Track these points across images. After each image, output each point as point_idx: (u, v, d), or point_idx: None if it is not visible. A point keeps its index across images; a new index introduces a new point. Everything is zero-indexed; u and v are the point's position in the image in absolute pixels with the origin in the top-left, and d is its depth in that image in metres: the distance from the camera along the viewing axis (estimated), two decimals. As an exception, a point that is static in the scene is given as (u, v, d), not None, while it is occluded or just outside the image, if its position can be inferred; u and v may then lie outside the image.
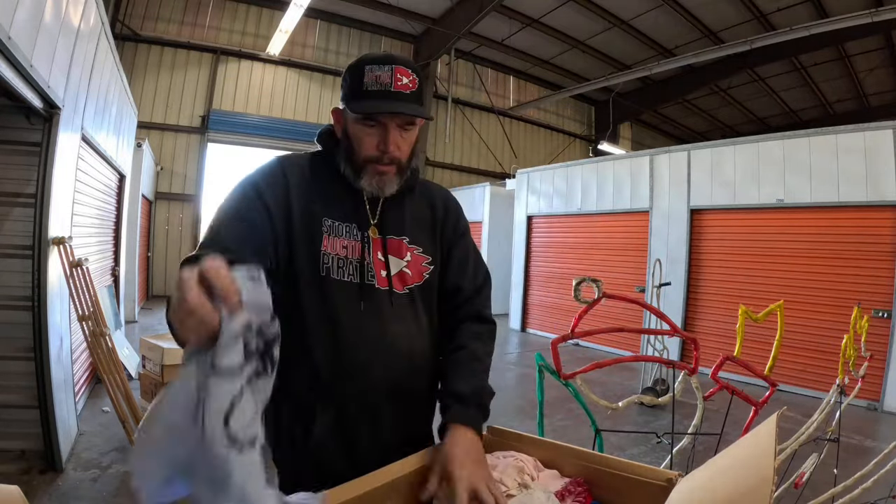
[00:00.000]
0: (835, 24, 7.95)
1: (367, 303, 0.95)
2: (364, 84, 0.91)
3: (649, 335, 4.81)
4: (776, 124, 15.17)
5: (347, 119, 0.96)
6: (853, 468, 1.91)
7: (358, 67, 0.93)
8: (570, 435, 3.72)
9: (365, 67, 0.91)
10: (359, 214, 0.99)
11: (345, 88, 0.96)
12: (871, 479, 1.81)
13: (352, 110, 0.93)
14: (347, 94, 0.94)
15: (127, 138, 5.39)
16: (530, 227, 8.59)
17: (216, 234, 0.87)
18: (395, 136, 0.94)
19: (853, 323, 2.24)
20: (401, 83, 0.91)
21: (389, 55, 0.95)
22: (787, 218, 5.39)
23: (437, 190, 1.14)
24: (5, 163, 2.61)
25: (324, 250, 0.94)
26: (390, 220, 1.01)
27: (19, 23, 1.94)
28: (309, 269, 0.94)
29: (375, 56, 0.94)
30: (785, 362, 4.98)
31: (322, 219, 0.96)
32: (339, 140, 1.00)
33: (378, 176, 0.95)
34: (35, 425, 2.63)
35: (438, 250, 1.06)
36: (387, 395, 0.96)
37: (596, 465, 0.84)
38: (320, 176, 0.99)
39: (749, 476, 0.50)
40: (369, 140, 0.94)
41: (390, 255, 1.00)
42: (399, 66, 0.91)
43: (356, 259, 0.97)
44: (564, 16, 10.58)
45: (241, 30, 10.45)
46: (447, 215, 1.10)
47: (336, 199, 0.98)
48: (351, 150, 0.96)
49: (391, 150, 0.94)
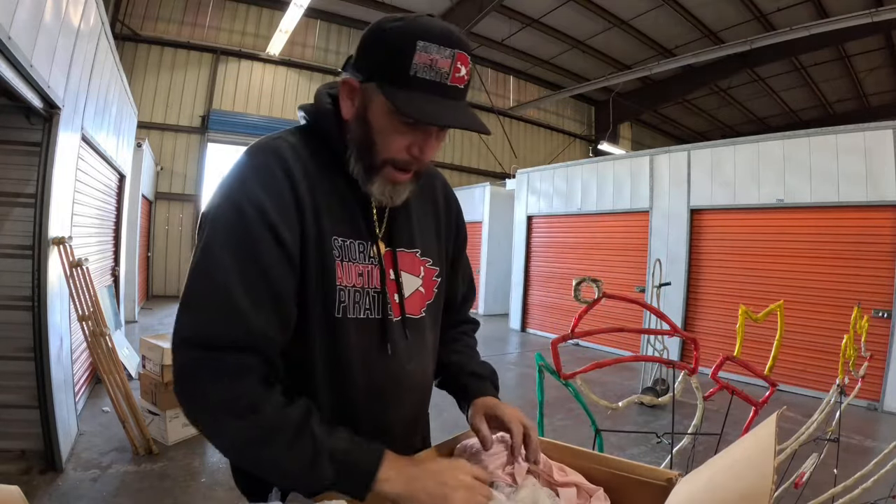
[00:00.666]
0: (835, 24, 7.95)
1: (391, 343, 0.81)
2: (412, 66, 0.67)
3: (649, 335, 4.81)
4: (776, 124, 15.18)
5: (371, 102, 0.72)
6: (853, 468, 1.91)
7: (405, 39, 0.67)
8: (570, 435, 3.72)
9: (417, 43, 0.66)
10: (368, 224, 0.80)
11: (377, 59, 0.70)
12: (871, 479, 1.81)
13: (397, 105, 0.67)
14: (382, 69, 0.69)
15: (127, 138, 5.39)
16: (530, 227, 8.59)
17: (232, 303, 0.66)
18: (434, 141, 0.75)
19: (853, 323, 2.24)
20: (459, 74, 0.69)
21: (448, 30, 0.69)
22: (787, 218, 5.39)
23: (433, 177, 0.97)
24: (5, 163, 2.61)
25: (339, 284, 0.75)
26: (398, 226, 0.84)
27: (19, 23, 1.94)
28: (321, 309, 0.75)
29: (432, 29, 0.68)
30: (785, 362, 4.98)
31: (332, 238, 0.75)
32: (343, 122, 0.77)
33: (392, 185, 0.77)
34: (35, 425, 2.63)
35: (444, 261, 0.94)
36: (399, 426, 0.87)
37: (596, 465, 0.84)
38: (320, 169, 0.77)
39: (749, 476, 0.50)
40: (401, 139, 0.73)
41: (404, 272, 0.84)
42: (461, 52, 0.69)
43: (374, 289, 0.79)
44: (564, 16, 10.58)
45: (241, 30, 10.45)
46: (449, 216, 0.97)
47: (340, 202, 0.78)
48: (368, 145, 0.74)
49: (426, 157, 0.75)
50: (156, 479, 2.72)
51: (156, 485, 2.67)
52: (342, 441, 0.68)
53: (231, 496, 2.63)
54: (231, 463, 0.88)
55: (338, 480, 0.67)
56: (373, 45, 0.71)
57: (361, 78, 0.73)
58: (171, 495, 2.57)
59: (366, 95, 0.73)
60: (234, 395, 0.64)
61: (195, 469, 2.88)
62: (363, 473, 0.67)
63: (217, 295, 0.66)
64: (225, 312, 0.66)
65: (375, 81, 0.70)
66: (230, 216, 0.69)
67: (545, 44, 11.90)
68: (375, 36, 0.71)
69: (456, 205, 1.00)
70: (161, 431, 3.17)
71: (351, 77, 0.74)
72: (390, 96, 0.68)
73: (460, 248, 1.00)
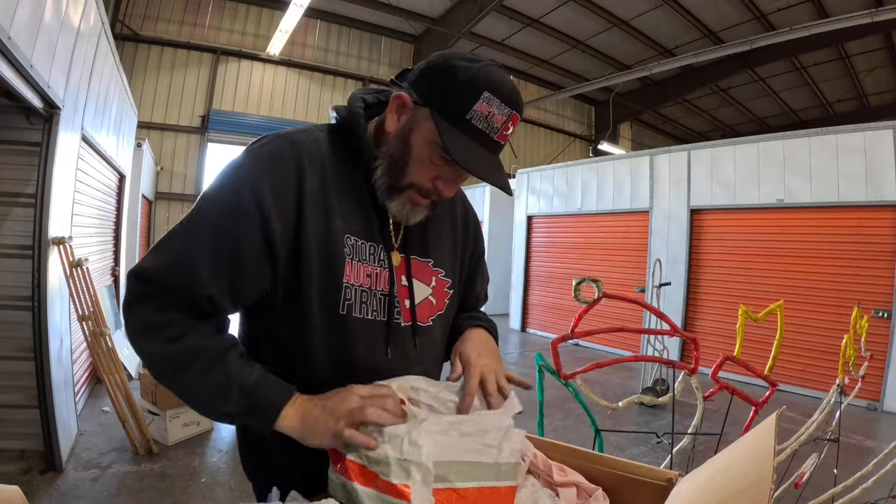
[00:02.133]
0: (835, 24, 7.95)
1: (393, 346, 0.82)
2: (471, 112, 0.70)
3: (649, 335, 4.81)
4: (776, 124, 15.17)
5: (418, 126, 0.74)
6: (853, 468, 1.91)
7: (474, 84, 0.70)
8: (570, 435, 3.72)
9: (483, 93, 0.70)
10: (382, 228, 0.82)
11: (440, 92, 0.72)
12: (871, 479, 1.81)
13: (446, 143, 0.70)
14: (442, 101, 0.72)
15: (127, 138, 5.39)
16: (530, 227, 8.59)
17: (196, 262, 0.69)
18: (458, 180, 0.79)
19: (853, 323, 2.24)
20: (507, 132, 0.73)
21: (514, 91, 0.73)
22: (787, 218, 5.39)
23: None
24: (5, 163, 2.61)
25: (346, 281, 0.77)
26: (414, 235, 0.86)
27: (19, 23, 1.94)
28: (326, 305, 0.76)
29: (503, 86, 0.72)
30: (785, 362, 4.98)
31: (344, 236, 0.77)
32: (381, 132, 0.80)
33: (411, 205, 0.79)
34: (35, 425, 2.63)
35: (458, 274, 0.95)
36: None
37: (596, 465, 0.84)
38: (342, 169, 0.79)
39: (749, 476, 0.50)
40: (432, 170, 0.76)
41: (416, 280, 0.85)
42: (516, 114, 0.73)
43: (382, 292, 0.80)
44: (564, 16, 10.58)
45: (241, 30, 10.45)
46: (467, 231, 0.98)
47: (357, 204, 0.80)
48: (400, 164, 0.76)
49: (447, 195, 0.79)
50: (156, 479, 2.72)
51: (156, 485, 2.67)
52: (253, 376, 0.71)
53: (231, 496, 2.63)
54: (239, 448, 0.92)
55: (244, 412, 0.71)
56: (439, 76, 0.73)
57: (417, 100, 0.74)
58: (171, 495, 2.58)
59: (416, 117, 0.75)
60: (165, 321, 0.70)
61: (195, 469, 2.88)
62: (267, 408, 0.71)
63: (182, 253, 0.70)
64: (184, 269, 0.70)
65: (431, 109, 0.73)
66: (228, 193, 0.73)
67: (545, 44, 11.90)
68: (446, 70, 0.73)
69: (474, 219, 1.01)
70: (161, 431, 3.17)
71: (407, 93, 0.75)
72: (443, 131, 0.71)
73: (476, 263, 1.02)
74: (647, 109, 14.99)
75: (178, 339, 0.69)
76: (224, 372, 0.70)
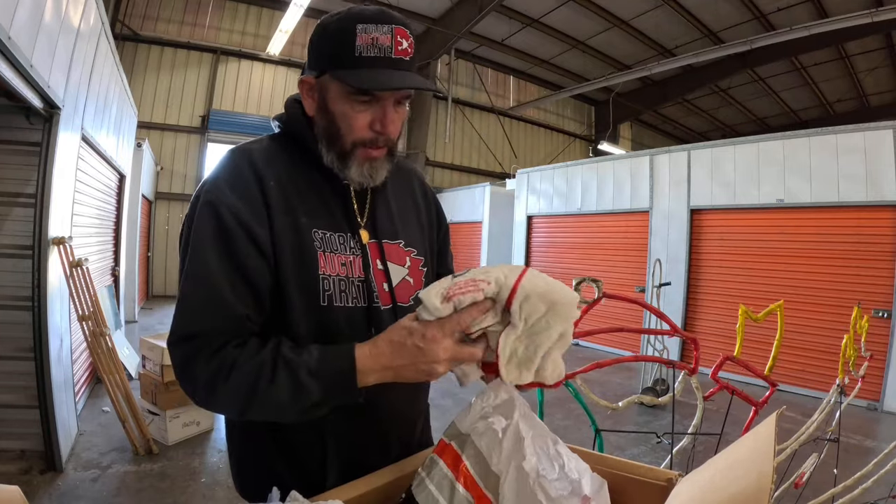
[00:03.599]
0: (835, 24, 7.95)
1: (377, 330, 0.80)
2: (357, 48, 0.72)
3: (649, 335, 4.81)
4: (776, 124, 15.18)
5: (328, 91, 0.78)
6: (853, 468, 1.91)
7: (345, 26, 0.73)
8: (570, 435, 3.72)
9: (356, 26, 0.73)
10: (348, 215, 0.83)
11: (325, 51, 0.76)
12: (871, 479, 1.81)
13: (348, 83, 0.73)
14: (331, 58, 0.75)
15: (127, 138, 5.40)
16: (530, 227, 8.59)
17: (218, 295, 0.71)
18: (392, 113, 0.78)
19: (853, 323, 2.24)
20: (401, 48, 0.74)
21: (383, 11, 0.76)
22: (787, 218, 5.39)
23: (410, 172, 1.01)
24: (5, 163, 2.61)
25: (322, 273, 0.78)
26: (380, 218, 0.87)
27: (19, 23, 1.94)
28: (306, 299, 0.78)
29: (367, 12, 0.74)
30: (785, 362, 4.98)
31: (312, 231, 0.79)
32: (309, 119, 0.82)
33: (369, 162, 0.80)
34: (35, 425, 2.63)
35: (429, 251, 0.97)
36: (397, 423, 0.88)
37: (596, 465, 0.84)
38: (294, 168, 0.82)
39: (749, 476, 0.50)
40: (361, 118, 0.77)
41: (390, 263, 0.87)
42: (398, 27, 0.75)
43: (358, 278, 0.81)
44: (564, 16, 10.58)
45: (241, 30, 10.45)
46: (430, 208, 1.00)
47: (317, 198, 0.82)
48: (334, 132, 0.79)
49: (389, 131, 0.79)
50: (156, 479, 2.72)
51: (156, 485, 2.67)
52: (313, 355, 0.71)
53: (231, 496, 2.63)
54: (232, 466, 0.91)
55: (326, 392, 0.69)
56: (319, 41, 0.78)
57: (315, 74, 0.79)
58: (171, 495, 2.58)
59: (322, 88, 0.79)
60: (219, 365, 0.70)
61: (195, 469, 2.88)
62: (341, 378, 0.69)
63: (204, 290, 0.72)
64: (213, 304, 0.72)
65: (328, 72, 0.76)
66: (209, 219, 0.74)
67: (545, 44, 11.90)
68: (319, 33, 0.78)
69: (434, 198, 1.03)
70: (161, 431, 3.17)
71: (307, 76, 0.80)
72: (341, 77, 0.74)
73: (444, 239, 1.03)
74: (647, 109, 15.00)
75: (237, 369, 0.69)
76: (287, 369, 0.69)
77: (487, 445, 0.71)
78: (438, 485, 0.70)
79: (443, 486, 0.70)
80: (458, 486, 0.69)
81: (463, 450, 0.72)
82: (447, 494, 0.69)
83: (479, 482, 0.70)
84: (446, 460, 0.72)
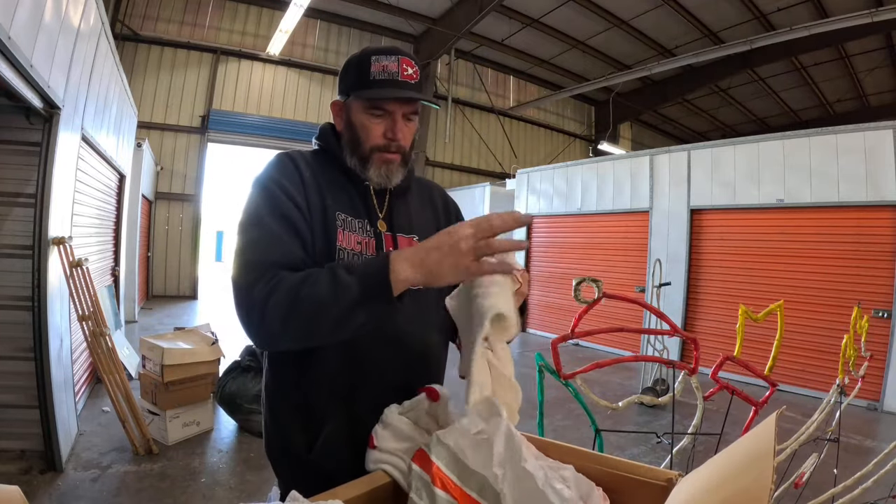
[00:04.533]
0: (835, 24, 7.95)
1: None
2: (371, 74, 0.93)
3: (649, 335, 4.81)
4: (776, 124, 15.18)
5: (351, 109, 0.98)
6: (853, 468, 1.91)
7: (363, 59, 0.95)
8: (570, 435, 3.72)
9: (371, 58, 0.93)
10: (368, 208, 0.99)
11: (349, 80, 0.97)
12: (871, 479, 1.81)
13: (361, 98, 0.94)
14: (353, 83, 0.96)
15: (127, 138, 5.40)
16: (530, 227, 8.58)
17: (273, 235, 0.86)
18: (401, 124, 0.96)
19: (853, 323, 2.23)
20: (406, 73, 0.94)
21: (394, 47, 0.97)
22: (787, 218, 5.39)
23: (432, 186, 1.17)
24: (5, 163, 2.61)
25: (340, 245, 0.93)
26: (397, 215, 1.02)
27: (19, 23, 1.94)
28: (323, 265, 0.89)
29: (380, 48, 0.96)
30: (785, 362, 4.98)
31: (336, 213, 0.95)
32: (339, 134, 1.02)
33: (385, 165, 0.97)
34: (35, 425, 2.63)
35: None
36: (401, 395, 0.91)
37: (596, 465, 0.84)
38: (326, 171, 0.99)
39: (749, 476, 0.50)
40: (376, 128, 0.96)
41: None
42: (404, 57, 0.94)
43: (371, 256, 0.95)
44: (564, 16, 10.58)
45: (241, 30, 10.44)
46: (449, 214, 1.13)
47: (344, 193, 0.98)
48: (356, 141, 0.97)
49: (398, 138, 0.96)
50: (156, 479, 2.72)
51: (156, 485, 2.67)
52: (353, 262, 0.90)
53: (231, 496, 2.63)
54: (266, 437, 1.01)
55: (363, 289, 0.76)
56: (345, 72, 0.99)
57: (343, 98, 0.99)
58: (170, 495, 2.58)
59: (347, 108, 0.99)
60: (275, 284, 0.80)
61: (195, 469, 2.89)
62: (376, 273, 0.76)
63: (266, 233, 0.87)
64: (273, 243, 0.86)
65: (352, 95, 0.96)
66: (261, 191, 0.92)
67: (545, 44, 11.90)
68: (346, 66, 0.99)
69: (456, 210, 1.17)
70: (161, 431, 3.17)
71: (336, 100, 1.02)
72: (359, 95, 0.94)
73: None
74: (647, 109, 14.99)
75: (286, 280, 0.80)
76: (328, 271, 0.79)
77: (456, 442, 0.72)
78: (417, 491, 0.72)
79: (420, 490, 0.71)
80: (436, 489, 0.70)
81: (431, 451, 0.73)
82: (426, 497, 0.70)
83: (456, 481, 0.70)
84: (420, 464, 0.73)
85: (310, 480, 0.87)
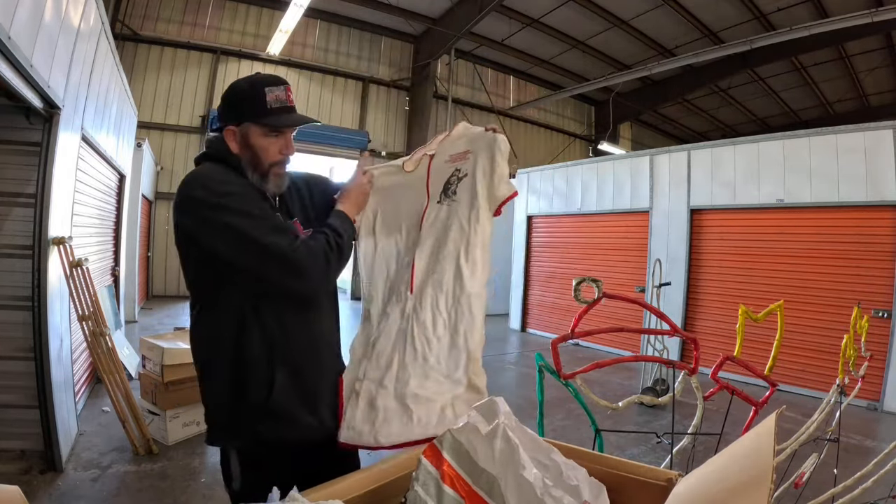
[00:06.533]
0: (835, 24, 7.95)
1: None
2: (268, 103, 1.12)
3: (649, 335, 4.81)
4: (776, 124, 15.17)
5: (249, 134, 1.15)
6: (853, 468, 1.91)
7: (256, 90, 1.13)
8: (570, 435, 3.72)
9: (265, 89, 1.12)
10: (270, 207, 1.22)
11: (244, 108, 1.14)
12: (871, 479, 1.81)
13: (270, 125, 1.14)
14: (250, 112, 1.13)
15: (127, 138, 5.39)
16: (530, 227, 8.58)
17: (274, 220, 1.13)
18: (291, 140, 1.20)
19: (853, 323, 2.24)
20: (291, 99, 1.17)
21: (277, 76, 1.19)
22: (787, 218, 5.39)
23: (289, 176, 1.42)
24: (5, 163, 2.61)
25: None
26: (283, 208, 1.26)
27: (19, 23, 1.94)
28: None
29: (266, 77, 1.16)
30: (785, 362, 4.98)
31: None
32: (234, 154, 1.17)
33: (278, 178, 1.19)
34: (35, 425, 2.63)
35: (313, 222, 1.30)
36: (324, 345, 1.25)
37: (596, 465, 0.84)
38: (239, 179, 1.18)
39: (749, 476, 0.50)
40: (273, 148, 1.16)
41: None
42: (287, 86, 1.17)
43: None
44: (564, 16, 10.58)
45: (241, 30, 10.44)
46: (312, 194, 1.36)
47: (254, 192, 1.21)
48: (257, 160, 1.16)
49: (292, 152, 1.20)
50: (156, 479, 2.72)
51: (156, 485, 2.67)
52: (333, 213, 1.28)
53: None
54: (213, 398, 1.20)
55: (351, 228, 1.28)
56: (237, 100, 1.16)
57: (236, 123, 1.16)
58: (170, 495, 2.58)
59: (242, 132, 1.16)
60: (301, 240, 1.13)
61: (195, 469, 2.88)
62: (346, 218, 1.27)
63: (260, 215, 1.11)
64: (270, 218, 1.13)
65: (248, 121, 1.14)
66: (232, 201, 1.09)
67: (545, 44, 11.90)
68: (236, 94, 1.16)
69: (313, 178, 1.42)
70: (161, 431, 3.17)
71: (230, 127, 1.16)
72: (265, 123, 1.14)
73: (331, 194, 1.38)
74: (647, 109, 14.99)
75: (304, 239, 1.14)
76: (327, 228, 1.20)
77: (468, 440, 0.72)
78: (424, 484, 0.71)
79: (428, 485, 0.71)
80: (445, 486, 0.69)
81: (443, 446, 0.73)
82: (434, 493, 0.70)
83: (466, 478, 0.70)
84: (431, 459, 0.73)
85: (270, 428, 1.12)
